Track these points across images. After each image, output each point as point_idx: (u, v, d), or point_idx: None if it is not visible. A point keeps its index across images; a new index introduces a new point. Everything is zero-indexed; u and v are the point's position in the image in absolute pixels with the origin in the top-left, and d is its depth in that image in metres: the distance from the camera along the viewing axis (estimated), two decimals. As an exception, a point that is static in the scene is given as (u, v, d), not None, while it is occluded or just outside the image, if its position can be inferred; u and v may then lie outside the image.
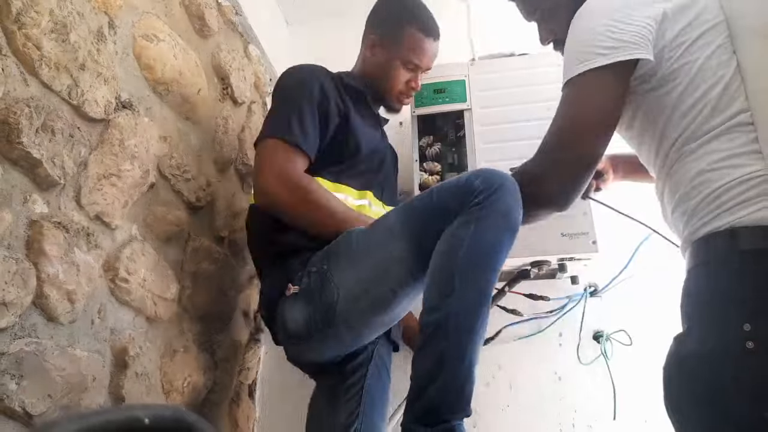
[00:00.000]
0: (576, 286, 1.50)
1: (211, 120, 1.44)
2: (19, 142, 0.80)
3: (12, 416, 0.78)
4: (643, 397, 1.40)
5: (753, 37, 0.82)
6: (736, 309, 0.73)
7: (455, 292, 0.89)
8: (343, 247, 1.10)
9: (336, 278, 1.06)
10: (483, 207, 0.92)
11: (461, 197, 0.95)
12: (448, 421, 0.85)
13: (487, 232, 0.92)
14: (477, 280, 0.91)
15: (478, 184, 0.94)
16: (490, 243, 0.92)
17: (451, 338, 0.89)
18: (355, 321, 1.07)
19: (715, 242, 0.77)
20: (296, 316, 1.09)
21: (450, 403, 0.87)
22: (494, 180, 0.94)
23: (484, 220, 0.92)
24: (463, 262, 0.90)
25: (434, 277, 0.94)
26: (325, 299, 1.05)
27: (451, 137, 1.55)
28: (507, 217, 0.93)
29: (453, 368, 0.87)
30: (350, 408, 1.18)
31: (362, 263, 1.06)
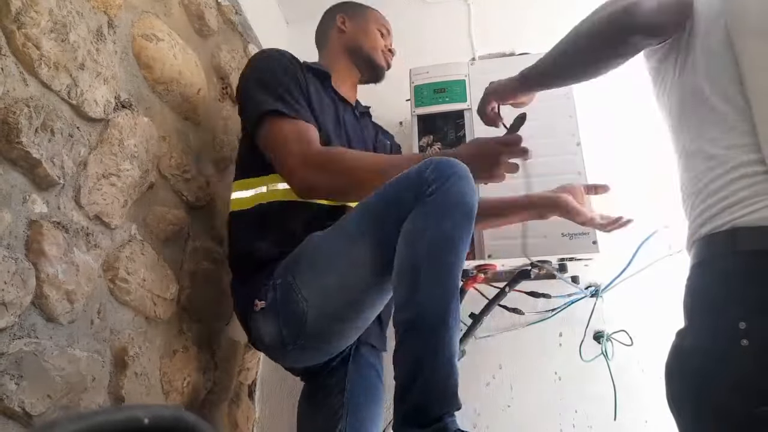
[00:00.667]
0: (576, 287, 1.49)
1: (210, 120, 1.44)
2: (18, 141, 0.80)
3: (12, 416, 0.78)
4: (643, 397, 1.40)
5: (753, 36, 0.82)
6: (732, 307, 0.74)
7: (421, 287, 0.88)
8: (306, 256, 1.07)
9: (302, 289, 1.03)
10: (437, 196, 0.91)
11: (414, 189, 0.94)
12: (439, 419, 0.83)
13: (444, 222, 0.90)
14: (442, 271, 0.90)
15: (428, 174, 0.93)
16: (449, 232, 0.91)
17: (425, 334, 0.87)
18: (326, 329, 1.07)
19: (716, 242, 0.78)
20: (267, 330, 1.08)
21: (435, 400, 0.85)
22: (445, 168, 0.93)
23: (440, 209, 0.91)
24: (425, 255, 0.89)
25: (399, 274, 0.92)
26: (293, 312, 1.03)
27: (451, 137, 1.55)
28: (462, 204, 0.92)
29: (432, 365, 0.86)
30: (333, 409, 1.18)
31: (326, 271, 1.04)
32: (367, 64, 1.46)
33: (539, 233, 1.33)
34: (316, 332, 1.04)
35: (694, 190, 0.85)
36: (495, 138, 1.08)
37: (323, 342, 1.10)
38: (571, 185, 1.26)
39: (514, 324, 1.55)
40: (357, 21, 1.49)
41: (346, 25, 1.48)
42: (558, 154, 1.42)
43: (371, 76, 1.49)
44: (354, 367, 1.24)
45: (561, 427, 1.46)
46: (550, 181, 1.40)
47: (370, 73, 1.48)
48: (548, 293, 1.50)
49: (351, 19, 1.48)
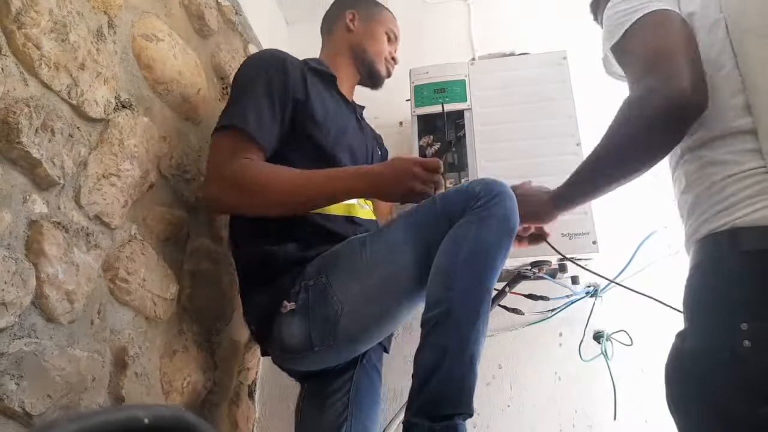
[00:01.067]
0: (576, 287, 1.50)
1: (211, 120, 1.44)
2: (18, 141, 0.80)
3: (12, 416, 0.78)
4: (643, 397, 1.40)
5: (753, 36, 0.82)
6: (734, 308, 0.74)
7: (457, 287, 0.92)
8: (344, 259, 1.08)
9: (339, 292, 1.04)
10: (484, 210, 0.97)
11: (464, 202, 0.99)
12: (451, 418, 0.86)
13: (488, 233, 0.96)
14: (479, 277, 0.94)
15: (479, 190, 0.99)
16: (490, 243, 0.96)
17: (453, 332, 0.90)
18: (357, 334, 1.07)
19: (716, 242, 0.78)
20: (294, 332, 1.06)
21: (452, 397, 0.88)
22: (494, 187, 1.00)
23: (485, 221, 0.96)
24: (465, 259, 0.93)
25: (437, 273, 0.96)
26: (327, 314, 1.04)
27: (451, 137, 1.55)
28: (506, 221, 0.98)
29: (455, 361, 0.88)
30: (338, 411, 1.18)
31: (368, 276, 1.04)
32: (368, 71, 1.44)
33: (539, 233, 1.33)
34: (346, 335, 1.05)
35: (691, 190, 0.84)
36: (411, 158, 1.08)
37: (351, 345, 1.09)
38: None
39: (514, 324, 1.55)
40: (367, 21, 1.44)
41: (355, 23, 1.44)
42: (558, 154, 1.42)
43: (369, 83, 1.48)
44: (362, 369, 1.25)
45: (561, 427, 1.47)
46: (551, 182, 1.40)
47: (369, 80, 1.47)
48: (547, 295, 1.50)
49: (361, 19, 1.44)
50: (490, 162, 1.45)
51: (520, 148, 1.45)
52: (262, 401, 1.66)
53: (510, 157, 1.45)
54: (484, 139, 1.48)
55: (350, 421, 1.18)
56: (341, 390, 1.21)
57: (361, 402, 1.21)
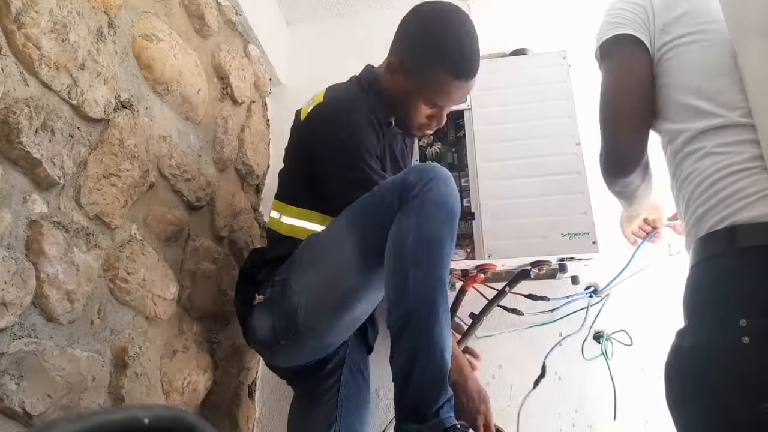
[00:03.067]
0: (576, 287, 1.50)
1: (210, 120, 1.44)
2: (18, 141, 0.80)
3: (12, 416, 0.78)
4: (643, 397, 1.40)
5: (754, 36, 0.82)
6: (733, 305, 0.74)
7: (410, 285, 0.92)
8: (301, 254, 1.13)
9: (295, 286, 1.08)
10: (419, 198, 0.96)
11: (398, 192, 0.98)
12: (437, 415, 0.87)
13: (428, 222, 0.95)
14: (428, 269, 0.93)
15: (412, 178, 0.98)
16: (432, 231, 0.95)
17: (417, 331, 0.91)
18: (317, 326, 1.10)
19: (716, 240, 0.78)
20: (262, 324, 1.12)
21: (432, 395, 0.89)
22: (426, 172, 0.98)
23: (423, 210, 0.95)
24: (411, 254, 0.93)
25: (389, 275, 0.96)
26: (286, 307, 1.08)
27: (451, 137, 1.55)
28: (444, 204, 0.97)
29: (426, 360, 0.89)
30: (327, 412, 1.19)
31: (317, 268, 1.09)
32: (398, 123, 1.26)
33: (539, 233, 1.33)
34: (307, 327, 1.08)
35: (690, 189, 0.85)
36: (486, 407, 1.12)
37: (314, 337, 1.12)
38: None
39: (514, 324, 1.55)
40: (408, 80, 1.15)
41: (395, 76, 1.17)
42: (558, 154, 1.42)
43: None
44: (348, 370, 1.26)
45: (561, 427, 1.46)
46: (551, 181, 1.40)
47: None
48: (546, 296, 1.50)
49: (403, 74, 1.16)
50: (490, 162, 1.45)
51: (521, 148, 1.45)
52: (262, 401, 1.66)
53: (510, 157, 1.45)
54: (484, 139, 1.48)
55: (339, 422, 1.19)
56: (330, 391, 1.23)
57: (350, 403, 1.23)
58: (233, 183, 1.56)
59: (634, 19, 0.94)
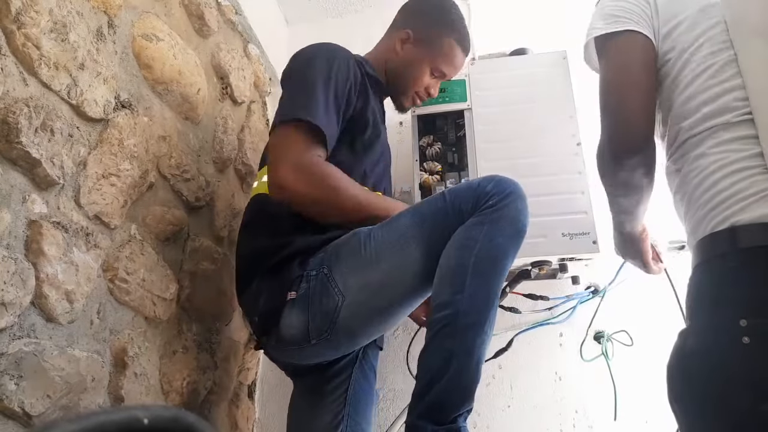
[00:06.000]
0: (577, 286, 1.50)
1: (210, 120, 1.44)
2: (18, 141, 0.80)
3: (11, 416, 0.78)
4: (644, 397, 1.40)
5: (754, 36, 0.82)
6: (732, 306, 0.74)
7: (466, 290, 0.91)
8: (348, 251, 1.04)
9: (340, 284, 1.01)
10: (495, 210, 0.95)
11: (474, 200, 0.97)
12: (455, 421, 0.87)
13: (498, 234, 0.94)
14: (488, 279, 0.93)
15: (490, 188, 0.97)
16: (500, 244, 0.95)
17: (460, 335, 0.90)
18: (357, 328, 1.04)
19: (717, 241, 0.78)
20: (293, 323, 1.03)
21: (457, 401, 0.88)
22: (506, 185, 0.98)
23: (496, 222, 0.95)
24: (475, 262, 0.92)
25: (445, 273, 0.94)
26: (327, 305, 1.00)
27: (451, 137, 1.55)
28: (516, 222, 0.96)
29: (462, 366, 0.88)
30: (335, 410, 1.17)
31: (372, 269, 1.01)
32: (393, 97, 1.38)
33: (539, 233, 1.33)
34: (345, 328, 1.01)
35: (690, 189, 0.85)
36: None
37: (349, 339, 1.06)
38: None
39: (515, 324, 1.55)
40: (420, 49, 1.30)
41: (405, 45, 1.31)
42: (558, 154, 1.42)
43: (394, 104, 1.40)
44: (359, 368, 1.24)
45: (561, 427, 1.46)
46: (551, 182, 1.40)
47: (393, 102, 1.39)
48: (547, 295, 1.50)
49: (414, 44, 1.30)
50: (490, 162, 1.45)
51: (521, 148, 1.45)
52: (262, 401, 1.66)
53: (510, 157, 1.45)
54: (484, 139, 1.48)
55: (346, 422, 1.16)
56: (339, 389, 1.20)
57: (358, 402, 1.20)
58: (233, 183, 1.56)
59: (638, 13, 0.92)
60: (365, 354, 1.27)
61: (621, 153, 0.91)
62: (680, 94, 0.88)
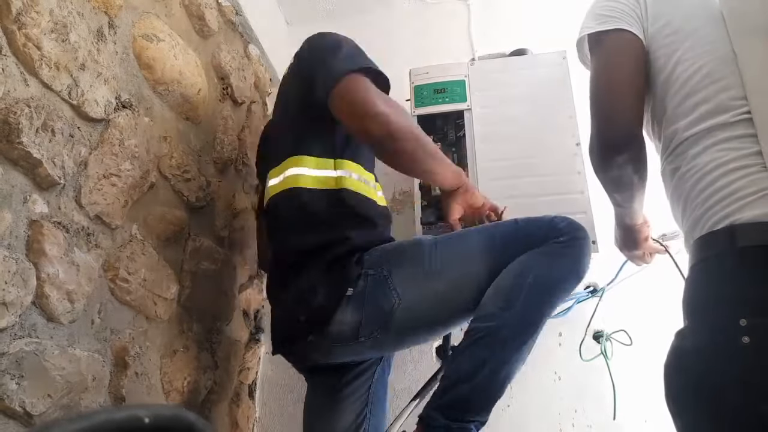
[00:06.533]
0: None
1: (211, 120, 1.44)
2: (19, 142, 0.80)
3: (12, 416, 0.78)
4: (643, 397, 1.40)
5: (754, 36, 0.82)
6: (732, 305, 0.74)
7: (515, 309, 0.94)
8: (412, 257, 1.06)
9: (399, 287, 1.01)
10: (564, 246, 1.00)
11: (546, 231, 1.02)
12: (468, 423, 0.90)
13: (559, 269, 0.99)
14: (538, 306, 0.96)
15: (563, 226, 1.02)
16: (560, 278, 0.99)
17: (497, 349, 0.93)
18: (407, 332, 1.05)
19: (715, 240, 0.78)
20: (345, 319, 1.01)
21: (476, 407, 0.92)
22: (578, 228, 1.03)
23: (561, 258, 0.99)
24: (531, 286, 0.95)
25: (500, 289, 0.97)
26: (383, 305, 1.00)
27: (451, 137, 1.55)
28: (579, 264, 1.00)
29: (491, 375, 0.92)
30: (358, 409, 1.16)
31: (435, 279, 1.02)
32: None
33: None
34: (395, 331, 1.02)
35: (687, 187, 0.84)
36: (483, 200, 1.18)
37: (396, 342, 1.07)
38: None
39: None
40: None
41: None
42: (558, 154, 1.42)
43: None
44: (381, 366, 1.24)
45: (561, 427, 1.47)
46: (551, 181, 1.40)
47: None
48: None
49: None
50: (490, 162, 1.45)
51: (520, 149, 1.45)
52: (262, 401, 1.66)
53: (510, 157, 1.45)
54: (483, 139, 1.48)
55: (369, 421, 1.16)
56: (361, 388, 1.18)
57: (378, 399, 1.20)
58: (233, 183, 1.56)
59: (628, 13, 0.94)
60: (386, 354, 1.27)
61: (608, 149, 0.93)
62: (675, 95, 0.87)
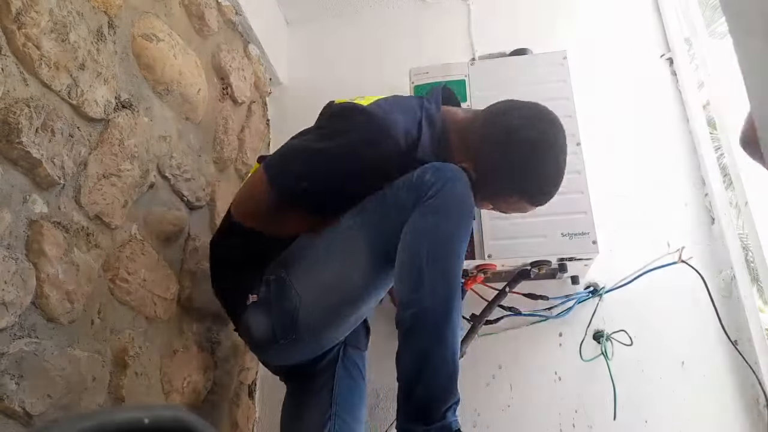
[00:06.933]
0: (576, 286, 1.50)
1: (211, 120, 1.44)
2: (18, 141, 0.80)
3: (12, 416, 0.78)
4: (643, 397, 1.40)
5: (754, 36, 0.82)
6: None
7: (425, 285, 0.90)
8: (300, 252, 1.09)
9: (296, 285, 1.04)
10: (437, 198, 0.93)
11: (415, 191, 0.96)
12: (444, 417, 0.86)
13: (445, 222, 0.93)
14: (444, 270, 0.92)
15: (429, 178, 0.95)
16: (449, 232, 0.94)
17: (430, 332, 0.89)
18: (319, 326, 1.07)
19: None
20: (259, 325, 1.08)
21: (440, 396, 0.88)
22: (444, 171, 0.96)
23: (440, 210, 0.93)
24: (427, 254, 0.91)
25: (402, 272, 0.94)
26: (286, 306, 1.04)
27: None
28: (462, 206, 0.95)
29: (437, 362, 0.88)
30: (322, 409, 1.18)
31: (324, 268, 1.05)
32: None
33: (539, 233, 1.33)
34: (308, 327, 1.05)
35: None
36: None
37: (315, 337, 1.10)
38: None
39: (514, 324, 1.55)
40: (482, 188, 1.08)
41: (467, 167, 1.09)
42: (558, 154, 1.42)
43: None
44: (342, 367, 1.24)
45: (561, 427, 1.46)
46: (550, 181, 1.40)
47: None
48: (546, 295, 1.50)
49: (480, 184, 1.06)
50: (490, 162, 1.44)
51: (520, 148, 1.45)
52: (262, 401, 1.66)
53: (510, 157, 1.44)
54: (484, 139, 1.48)
55: (334, 421, 1.17)
56: (324, 388, 1.21)
57: (345, 402, 1.21)
58: (233, 183, 1.56)
59: None
60: (346, 352, 1.27)
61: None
62: None
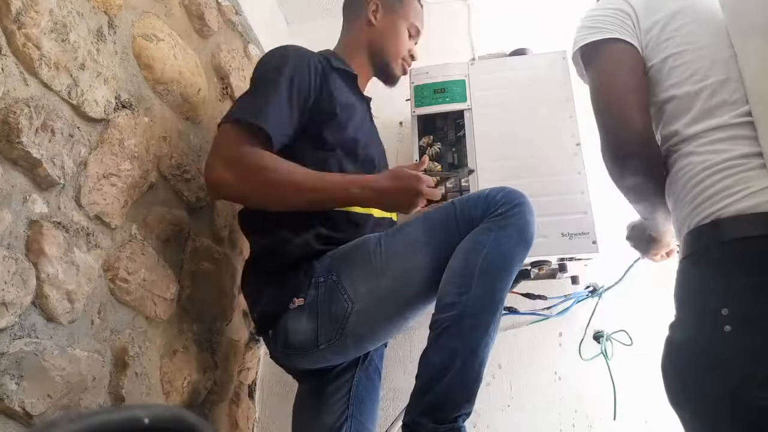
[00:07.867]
0: (576, 286, 1.50)
1: (211, 120, 1.44)
2: (18, 141, 0.80)
3: (12, 416, 0.78)
4: (643, 397, 1.40)
5: (754, 36, 0.82)
6: (715, 295, 0.75)
7: (473, 291, 0.92)
8: (357, 258, 1.06)
9: (349, 290, 1.02)
10: (504, 218, 0.98)
11: (484, 208, 1.00)
12: (455, 421, 0.87)
13: (505, 241, 0.97)
14: (494, 283, 0.95)
15: (500, 198, 1.00)
16: (507, 252, 0.97)
17: (465, 336, 0.91)
18: (365, 333, 1.05)
19: (699, 235, 0.80)
20: (301, 328, 1.04)
21: (458, 400, 0.89)
22: (515, 196, 1.01)
23: (504, 230, 0.97)
24: (482, 265, 0.94)
25: (453, 275, 0.96)
26: (336, 312, 1.02)
27: (451, 137, 1.55)
28: (524, 231, 0.99)
29: (465, 365, 0.89)
30: (338, 412, 1.18)
31: (382, 275, 1.03)
32: (382, 70, 1.39)
33: (539, 233, 1.32)
34: (354, 334, 1.03)
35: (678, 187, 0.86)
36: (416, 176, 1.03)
37: (357, 344, 1.07)
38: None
39: (514, 324, 1.55)
40: (390, 15, 1.36)
41: (377, 17, 1.35)
42: (558, 154, 1.42)
43: (383, 80, 1.43)
44: (362, 369, 1.24)
45: (561, 427, 1.47)
46: (551, 182, 1.40)
47: (383, 78, 1.42)
48: (544, 295, 1.50)
49: (385, 10, 1.36)
50: (490, 162, 1.45)
51: (520, 149, 1.45)
52: (262, 401, 1.66)
53: (510, 158, 1.45)
54: (483, 139, 1.48)
55: (350, 422, 1.17)
56: (341, 390, 1.20)
57: (362, 403, 1.21)
58: (233, 183, 1.56)
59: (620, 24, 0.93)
60: (370, 355, 1.27)
61: (619, 157, 0.91)
62: (670, 99, 0.88)
